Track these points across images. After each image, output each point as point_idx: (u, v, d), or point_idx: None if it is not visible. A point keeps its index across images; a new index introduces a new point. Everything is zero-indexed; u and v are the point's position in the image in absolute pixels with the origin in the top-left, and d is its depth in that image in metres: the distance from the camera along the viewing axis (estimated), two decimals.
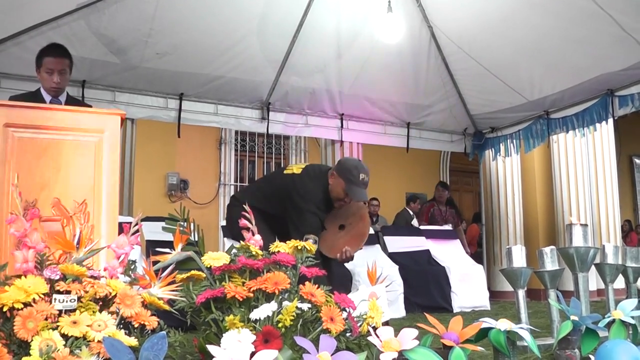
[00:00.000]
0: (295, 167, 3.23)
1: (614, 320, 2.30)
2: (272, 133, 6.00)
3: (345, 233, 3.21)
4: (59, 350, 1.30)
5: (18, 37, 4.21)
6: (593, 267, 3.03)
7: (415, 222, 7.51)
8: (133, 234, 1.72)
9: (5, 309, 1.36)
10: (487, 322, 1.98)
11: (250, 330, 1.53)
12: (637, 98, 4.88)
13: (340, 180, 3.08)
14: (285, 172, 3.22)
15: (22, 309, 1.36)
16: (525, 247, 2.86)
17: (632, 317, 2.31)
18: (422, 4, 4.91)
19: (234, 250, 2.02)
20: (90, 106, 3.39)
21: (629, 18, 4.18)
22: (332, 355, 1.43)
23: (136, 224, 1.74)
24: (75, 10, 4.16)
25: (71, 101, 3.22)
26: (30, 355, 1.30)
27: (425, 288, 5.37)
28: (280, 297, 1.72)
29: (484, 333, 1.97)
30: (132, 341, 1.40)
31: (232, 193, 8.62)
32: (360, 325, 1.81)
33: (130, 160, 5.62)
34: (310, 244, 1.96)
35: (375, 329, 1.68)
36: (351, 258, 3.12)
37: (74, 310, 1.43)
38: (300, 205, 3.02)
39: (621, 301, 2.44)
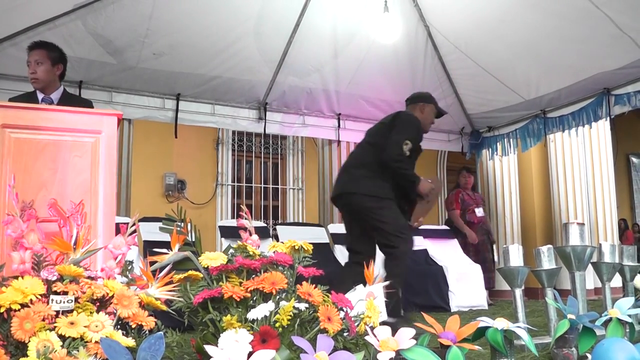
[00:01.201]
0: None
1: (610, 319, 2.30)
2: (269, 133, 6.01)
3: (424, 204, 3.64)
4: (56, 351, 1.30)
5: (15, 38, 4.20)
6: (590, 265, 3.04)
7: None
8: (130, 234, 1.72)
9: (2, 310, 1.36)
10: (484, 321, 1.98)
11: (248, 330, 1.53)
12: (634, 97, 4.90)
13: (431, 105, 3.78)
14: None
15: (19, 310, 1.36)
16: (522, 246, 2.87)
17: (629, 316, 2.31)
18: (419, 3, 4.92)
19: (231, 250, 2.02)
20: (89, 101, 3.39)
21: (625, 17, 4.19)
22: (329, 354, 1.43)
23: (133, 225, 1.74)
24: (72, 10, 4.16)
25: (67, 97, 3.19)
26: (27, 356, 1.29)
27: (423, 287, 5.36)
28: (278, 297, 1.72)
29: (481, 332, 1.97)
30: (130, 342, 1.39)
31: (230, 193, 8.62)
32: (358, 325, 1.82)
33: (128, 160, 5.62)
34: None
35: (372, 328, 1.69)
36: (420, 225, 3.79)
37: (71, 311, 1.43)
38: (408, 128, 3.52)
39: (618, 300, 2.45)
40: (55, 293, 1.44)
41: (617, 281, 3.66)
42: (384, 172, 3.43)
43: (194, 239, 2.20)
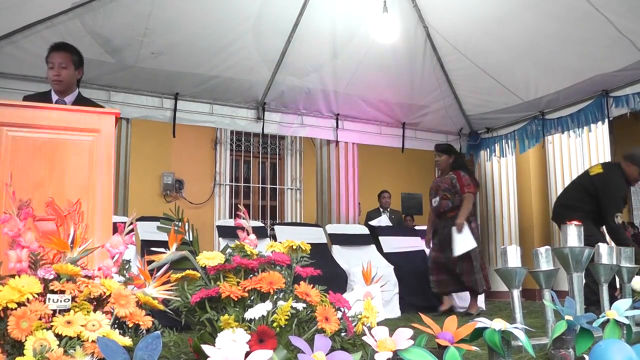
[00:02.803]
0: (596, 168, 4.61)
1: (608, 320, 2.31)
2: (267, 133, 6.00)
3: None
4: (52, 350, 1.30)
5: (13, 37, 4.19)
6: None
7: (383, 219, 7.26)
8: (127, 233, 1.72)
9: None
10: (481, 322, 1.98)
11: (245, 330, 1.53)
12: (632, 99, 4.90)
13: (636, 167, 4.40)
14: (591, 173, 4.55)
15: (15, 308, 1.35)
16: (520, 247, 2.86)
17: (626, 317, 2.32)
18: (418, 4, 4.92)
19: (229, 250, 2.02)
20: (102, 106, 3.38)
21: (624, 19, 4.19)
22: (326, 355, 1.43)
23: (131, 224, 1.74)
24: (70, 9, 4.15)
25: (81, 101, 3.21)
26: (24, 355, 1.29)
27: (421, 288, 5.36)
28: (275, 296, 1.72)
29: (478, 333, 1.97)
30: (127, 341, 1.39)
31: (227, 193, 8.62)
32: (355, 325, 1.81)
33: (125, 160, 5.60)
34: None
35: (370, 328, 1.68)
36: None
37: (68, 310, 1.42)
38: (614, 193, 4.40)
39: (615, 301, 2.45)
40: (52, 292, 1.44)
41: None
42: (594, 220, 4.39)
43: (191, 239, 2.19)
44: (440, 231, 5.15)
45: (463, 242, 4.94)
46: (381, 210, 7.54)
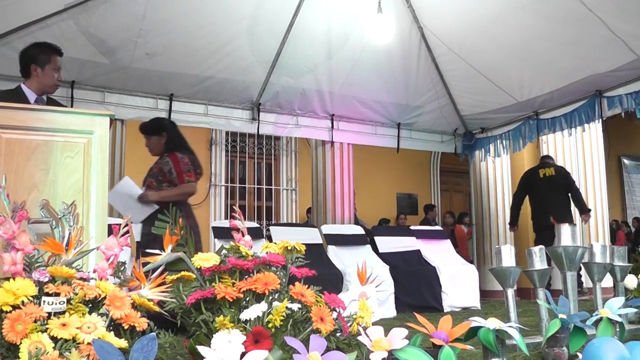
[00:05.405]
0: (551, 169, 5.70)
1: (601, 319, 2.32)
2: (262, 134, 6.01)
3: None
4: (48, 352, 1.30)
5: (6, 37, 4.18)
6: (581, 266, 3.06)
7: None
8: (123, 235, 1.71)
9: None
10: (476, 321, 1.99)
11: (241, 331, 1.53)
12: (626, 99, 4.93)
13: None
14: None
15: (10, 311, 1.35)
16: (514, 246, 2.88)
17: (619, 315, 2.33)
18: (413, 4, 4.93)
19: (224, 251, 2.02)
20: (63, 104, 3.38)
21: (618, 20, 4.22)
22: (322, 355, 1.44)
23: (126, 225, 1.73)
24: (64, 10, 4.14)
25: (50, 101, 3.19)
26: (19, 358, 1.29)
27: (416, 288, 5.38)
28: (271, 297, 1.72)
29: (473, 332, 1.98)
30: (122, 343, 1.39)
31: (223, 194, 8.61)
32: (351, 325, 1.82)
33: (120, 161, 5.59)
34: None
35: (365, 328, 1.69)
36: None
37: (63, 313, 1.42)
38: None
39: (608, 299, 2.47)
40: (47, 294, 1.43)
41: (608, 281, 3.68)
42: None
43: (187, 240, 2.19)
44: (145, 228, 3.95)
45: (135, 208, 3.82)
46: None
